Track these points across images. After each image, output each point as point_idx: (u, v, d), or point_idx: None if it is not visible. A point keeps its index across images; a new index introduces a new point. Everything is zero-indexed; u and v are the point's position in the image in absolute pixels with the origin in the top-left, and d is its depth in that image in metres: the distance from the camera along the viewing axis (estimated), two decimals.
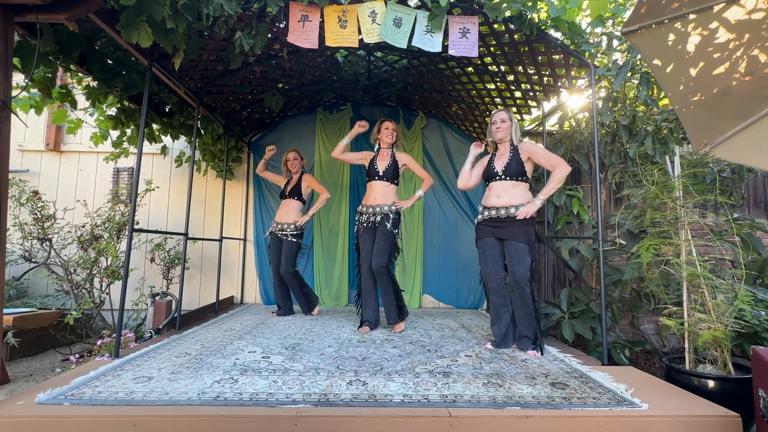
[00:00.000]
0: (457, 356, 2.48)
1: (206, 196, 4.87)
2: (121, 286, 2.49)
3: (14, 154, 4.78)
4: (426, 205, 4.84)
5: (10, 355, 3.48)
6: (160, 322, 3.69)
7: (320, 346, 2.68)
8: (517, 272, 2.53)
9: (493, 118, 2.76)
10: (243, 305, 4.58)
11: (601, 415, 1.64)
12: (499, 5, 2.50)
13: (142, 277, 4.62)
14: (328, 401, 1.74)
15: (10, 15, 1.99)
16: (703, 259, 2.33)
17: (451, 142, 4.94)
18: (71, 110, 3.21)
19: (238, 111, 4.25)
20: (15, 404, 1.67)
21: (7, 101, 1.93)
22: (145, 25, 2.19)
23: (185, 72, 3.18)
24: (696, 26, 1.80)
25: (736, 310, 2.19)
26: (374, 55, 3.86)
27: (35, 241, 4.01)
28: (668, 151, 2.94)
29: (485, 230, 2.70)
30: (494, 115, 2.77)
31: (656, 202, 2.53)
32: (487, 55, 3.43)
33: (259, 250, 4.77)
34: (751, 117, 2.00)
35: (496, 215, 2.62)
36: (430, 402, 1.74)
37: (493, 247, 2.66)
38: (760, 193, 4.29)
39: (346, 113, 4.91)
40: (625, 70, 2.78)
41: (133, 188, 3.15)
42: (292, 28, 2.55)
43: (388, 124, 3.28)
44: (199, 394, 1.79)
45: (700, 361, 2.32)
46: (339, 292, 4.66)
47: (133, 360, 2.31)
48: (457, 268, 4.74)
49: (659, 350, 3.87)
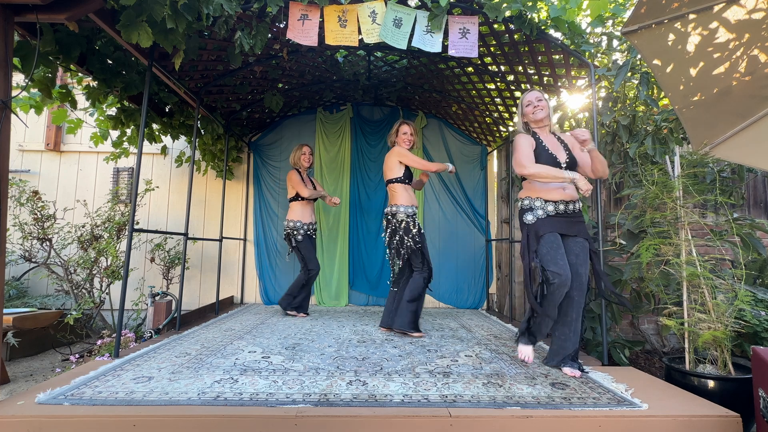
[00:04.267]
0: (457, 356, 2.48)
1: (206, 196, 4.87)
2: (121, 286, 2.48)
3: (14, 154, 4.78)
4: (426, 205, 4.84)
5: (10, 355, 3.48)
6: (160, 322, 3.69)
7: (320, 346, 2.68)
8: (584, 274, 2.21)
9: (528, 98, 2.36)
10: (243, 305, 4.58)
11: (601, 415, 1.64)
12: (499, 5, 2.50)
13: (142, 277, 4.62)
14: (328, 401, 1.74)
15: (10, 15, 1.99)
16: (703, 259, 2.33)
17: (451, 142, 4.94)
18: (71, 110, 3.21)
19: (238, 111, 4.25)
20: (15, 404, 1.67)
21: (7, 101, 1.93)
22: (145, 25, 2.19)
23: (185, 72, 3.18)
24: (696, 26, 1.80)
25: (736, 310, 2.19)
26: (374, 55, 3.86)
27: (35, 241, 4.01)
28: (668, 151, 2.94)
29: (550, 224, 2.24)
30: (527, 95, 2.38)
31: (656, 202, 2.53)
32: (487, 55, 3.43)
33: (258, 250, 4.77)
34: (751, 117, 2.00)
35: (564, 210, 2.25)
36: (430, 402, 1.74)
37: (561, 245, 2.21)
38: (760, 193, 4.29)
39: (346, 113, 4.91)
40: (625, 70, 2.78)
41: (133, 188, 3.15)
42: (292, 26, 2.55)
43: (406, 129, 3.14)
44: (199, 394, 1.79)
45: (700, 361, 2.32)
46: (339, 292, 4.66)
47: (133, 360, 2.31)
48: (457, 268, 4.74)
49: (659, 350, 3.87)
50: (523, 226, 2.33)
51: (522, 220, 2.33)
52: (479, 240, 4.80)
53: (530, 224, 2.27)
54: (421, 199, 4.80)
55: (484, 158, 4.89)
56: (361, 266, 4.75)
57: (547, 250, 2.17)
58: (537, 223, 2.25)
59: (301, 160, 3.78)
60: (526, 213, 2.30)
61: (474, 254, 4.78)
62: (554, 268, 2.11)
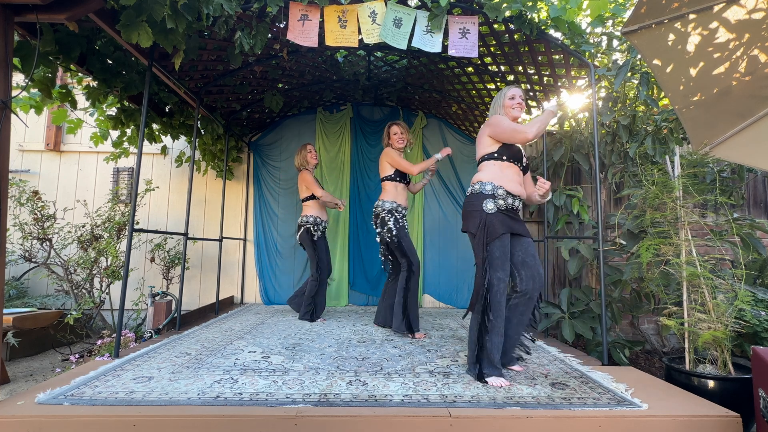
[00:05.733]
0: (457, 356, 2.48)
1: (206, 196, 4.87)
2: (121, 286, 2.49)
3: (14, 154, 4.78)
4: (426, 205, 4.84)
5: (10, 355, 3.48)
6: (160, 322, 3.69)
7: (320, 346, 2.68)
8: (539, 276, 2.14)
9: (513, 92, 2.24)
10: (243, 305, 4.58)
11: (601, 415, 1.64)
12: (499, 5, 2.50)
13: (142, 277, 4.62)
14: (328, 401, 1.74)
15: (10, 15, 1.99)
16: (703, 259, 2.33)
17: (451, 142, 4.94)
18: (71, 110, 3.21)
19: (238, 111, 4.25)
20: (15, 404, 1.67)
21: (7, 101, 1.93)
22: (145, 25, 2.19)
23: (185, 72, 3.18)
24: (696, 26, 1.80)
25: (736, 310, 2.19)
26: (374, 55, 3.86)
27: (35, 241, 4.01)
28: (668, 151, 2.94)
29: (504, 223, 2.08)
30: (513, 89, 2.25)
31: (656, 202, 2.53)
32: (487, 55, 3.43)
33: (258, 250, 4.77)
34: (751, 117, 2.00)
35: (512, 206, 2.15)
36: (430, 402, 1.74)
37: (509, 247, 2.10)
38: (760, 193, 4.29)
39: (346, 113, 4.91)
40: (625, 70, 2.78)
41: (133, 188, 3.15)
42: (292, 27, 2.55)
43: (395, 129, 3.17)
44: (199, 394, 1.79)
45: (700, 361, 2.32)
46: (339, 292, 4.66)
47: (133, 360, 2.31)
48: (457, 268, 4.74)
49: (659, 350, 3.87)
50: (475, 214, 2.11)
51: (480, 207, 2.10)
52: None
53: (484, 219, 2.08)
54: (421, 199, 4.80)
55: None
56: (360, 266, 4.75)
57: (498, 255, 2.04)
58: (487, 219, 2.07)
59: (308, 158, 3.70)
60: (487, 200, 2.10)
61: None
62: (495, 275, 2.03)
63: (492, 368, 2.01)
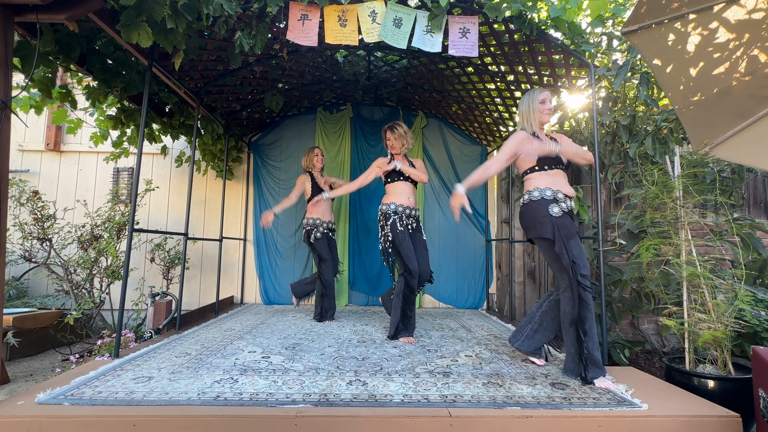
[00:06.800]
0: (457, 356, 2.48)
1: (206, 196, 4.87)
2: (121, 286, 2.48)
3: (14, 154, 4.78)
4: (426, 206, 4.84)
5: (10, 355, 3.48)
6: (160, 322, 3.69)
7: (320, 346, 2.68)
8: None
9: (542, 96, 2.26)
10: (243, 305, 4.58)
11: (601, 415, 1.64)
12: (499, 5, 2.50)
13: (142, 277, 4.62)
14: (328, 401, 1.74)
15: (10, 15, 1.99)
16: (703, 259, 2.33)
17: (451, 142, 4.94)
18: (71, 110, 3.21)
19: (238, 111, 4.25)
20: (15, 404, 1.67)
21: (7, 101, 1.93)
22: (145, 25, 2.19)
23: (185, 72, 3.18)
24: (696, 26, 1.80)
25: (736, 310, 2.19)
26: (374, 55, 3.86)
27: (35, 241, 4.01)
28: (668, 151, 2.94)
29: (573, 225, 2.14)
30: (541, 93, 2.27)
31: (656, 202, 2.53)
32: (487, 55, 3.43)
33: (258, 250, 4.77)
34: (751, 117, 2.00)
35: (571, 207, 2.17)
36: (430, 402, 1.74)
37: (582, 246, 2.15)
38: (760, 193, 4.29)
39: (346, 113, 4.91)
40: (625, 70, 2.78)
41: (133, 188, 3.15)
42: (292, 27, 2.55)
43: (387, 135, 3.19)
44: (199, 394, 1.79)
45: (700, 361, 2.32)
46: (339, 292, 4.66)
47: (133, 360, 2.31)
48: (457, 268, 4.74)
49: (659, 350, 3.86)
50: (545, 219, 2.11)
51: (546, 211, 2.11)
52: (479, 240, 4.80)
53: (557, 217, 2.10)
54: (421, 199, 4.80)
55: (484, 158, 4.88)
56: (361, 266, 4.75)
57: (579, 249, 2.08)
58: (557, 220, 2.09)
59: (315, 161, 3.75)
60: (551, 204, 2.12)
61: (474, 254, 4.77)
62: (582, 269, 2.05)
63: (596, 370, 2.02)
